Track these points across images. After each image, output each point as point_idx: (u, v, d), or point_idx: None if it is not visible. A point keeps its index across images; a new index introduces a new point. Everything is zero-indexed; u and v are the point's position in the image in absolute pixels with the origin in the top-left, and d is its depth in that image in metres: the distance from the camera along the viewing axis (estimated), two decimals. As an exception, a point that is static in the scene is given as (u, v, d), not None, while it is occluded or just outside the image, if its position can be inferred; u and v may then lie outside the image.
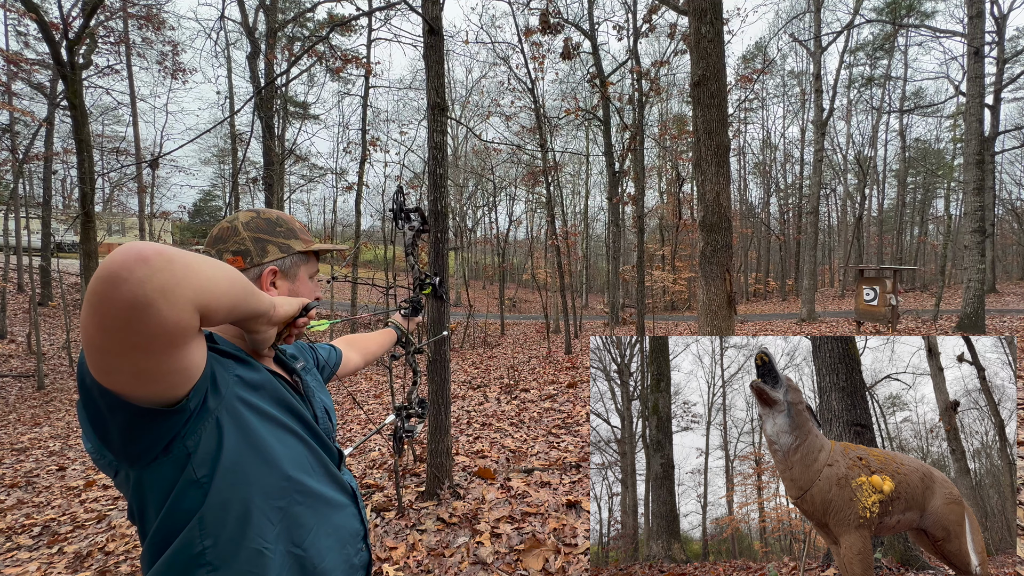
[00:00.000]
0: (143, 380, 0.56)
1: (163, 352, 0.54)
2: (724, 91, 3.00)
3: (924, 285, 25.13)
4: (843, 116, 26.11)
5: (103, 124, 21.51)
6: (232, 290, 0.60)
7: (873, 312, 9.19)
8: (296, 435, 0.78)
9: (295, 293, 0.90)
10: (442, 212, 3.30)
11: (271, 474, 0.72)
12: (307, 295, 0.92)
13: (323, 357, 1.18)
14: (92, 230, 11.29)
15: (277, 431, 0.75)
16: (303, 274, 0.92)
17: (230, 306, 0.60)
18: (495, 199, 23.86)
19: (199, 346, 0.60)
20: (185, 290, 0.52)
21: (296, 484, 0.75)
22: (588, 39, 12.96)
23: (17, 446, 6.12)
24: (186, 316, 0.53)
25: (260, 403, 0.74)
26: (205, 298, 0.55)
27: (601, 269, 35.47)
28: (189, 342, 0.56)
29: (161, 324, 0.51)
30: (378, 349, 1.44)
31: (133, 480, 0.65)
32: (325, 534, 0.79)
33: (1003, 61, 16.92)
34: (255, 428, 0.71)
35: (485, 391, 7.18)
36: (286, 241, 0.89)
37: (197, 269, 0.54)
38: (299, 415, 0.81)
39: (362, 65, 11.82)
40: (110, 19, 13.78)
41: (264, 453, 0.71)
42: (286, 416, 0.78)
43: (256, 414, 0.72)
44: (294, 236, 0.91)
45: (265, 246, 0.86)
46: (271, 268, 0.86)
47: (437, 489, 3.28)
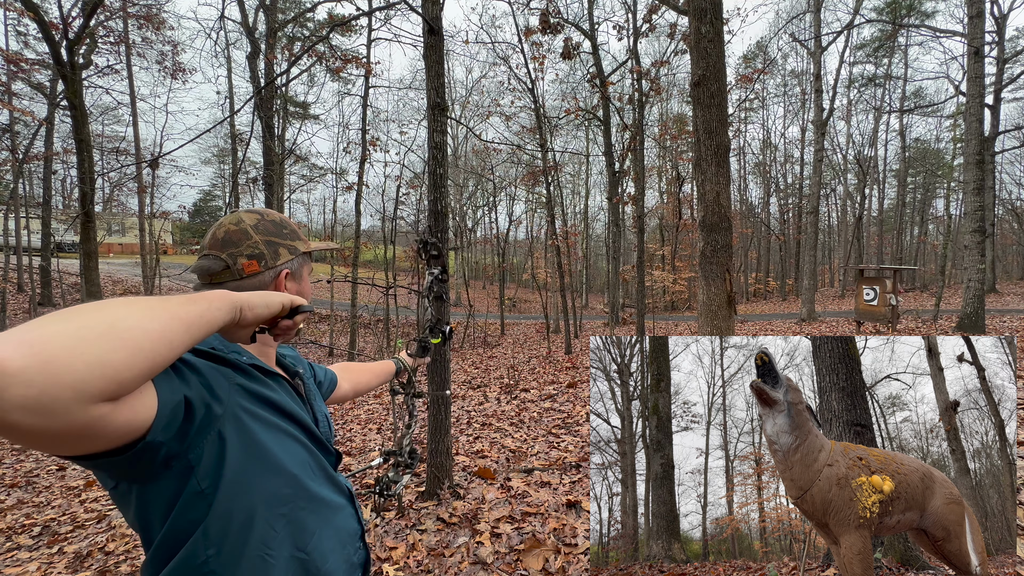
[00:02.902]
0: (79, 449, 0.48)
1: (76, 446, 0.46)
2: (724, 91, 3.00)
3: (924, 285, 25.12)
4: (843, 116, 26.11)
5: (103, 124, 21.52)
6: (158, 339, 0.47)
7: (873, 312, 9.19)
8: (297, 440, 0.78)
9: (301, 293, 0.91)
10: (442, 212, 3.30)
11: (275, 482, 0.72)
12: (307, 293, 0.93)
13: (319, 375, 1.16)
14: (92, 230, 11.28)
15: (280, 437, 0.75)
16: (305, 273, 0.94)
17: (159, 359, 0.48)
18: (495, 199, 23.86)
19: (137, 402, 0.50)
20: (63, 390, 0.39)
21: (299, 490, 0.75)
22: (588, 39, 12.95)
23: (17, 446, 6.12)
24: (76, 419, 0.42)
25: (262, 411, 0.73)
26: (102, 383, 0.42)
27: (601, 269, 35.47)
28: (107, 421, 0.46)
29: (42, 437, 0.41)
30: (372, 380, 1.38)
31: (136, 493, 0.63)
32: (327, 537, 0.79)
33: (1003, 61, 16.93)
34: (258, 437, 0.70)
35: (485, 391, 7.18)
36: (292, 243, 0.90)
37: (83, 350, 0.41)
38: (299, 420, 0.80)
39: (362, 65, 11.82)
40: (110, 19, 13.76)
41: (268, 462, 0.71)
42: (287, 422, 0.77)
43: (259, 422, 0.72)
44: (297, 237, 0.92)
45: (277, 249, 0.86)
46: (285, 271, 0.87)
47: (437, 489, 3.28)
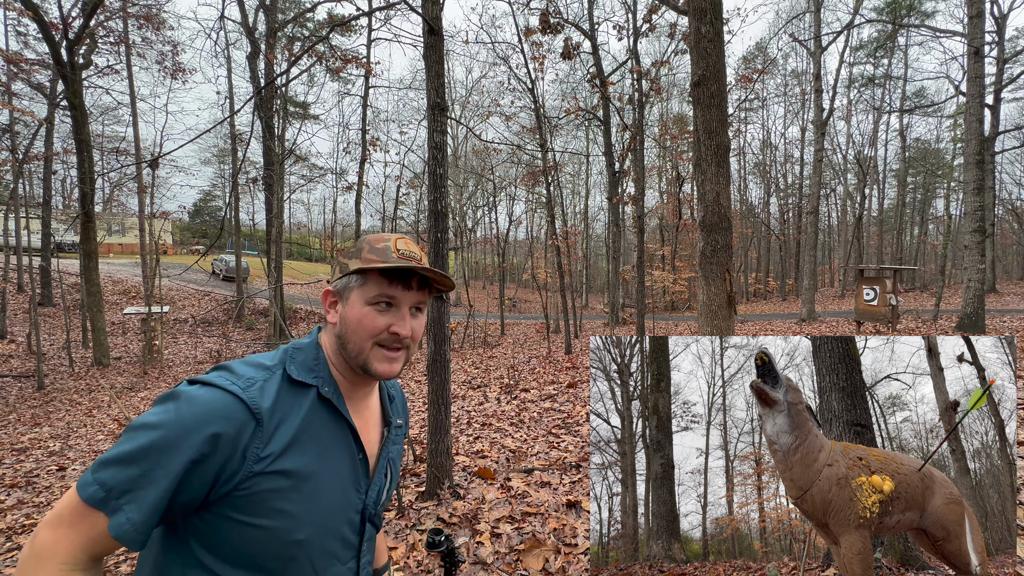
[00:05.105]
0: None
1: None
2: (724, 91, 3.00)
3: (924, 285, 25.13)
4: (843, 116, 26.12)
5: (103, 124, 21.52)
6: None
7: (873, 312, 9.19)
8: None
9: (346, 319, 0.77)
10: (442, 212, 3.30)
11: (278, 540, 0.71)
12: (354, 319, 0.77)
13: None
14: (92, 230, 11.30)
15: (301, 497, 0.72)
16: (355, 298, 0.77)
17: None
18: (495, 199, 23.88)
19: (108, 544, 0.63)
20: None
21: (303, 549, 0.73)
22: (588, 39, 12.96)
23: (17, 446, 6.12)
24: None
25: (285, 485, 0.70)
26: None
27: (601, 269, 35.48)
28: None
29: None
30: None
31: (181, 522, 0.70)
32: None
33: (1003, 61, 16.93)
34: (272, 509, 0.69)
35: (485, 391, 7.18)
36: (346, 261, 0.79)
37: None
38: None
39: (362, 65, 11.82)
40: (110, 19, 13.77)
41: (281, 521, 0.70)
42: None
43: (275, 495, 0.70)
44: (357, 255, 0.78)
45: (337, 266, 0.83)
46: (326, 290, 0.82)
47: (437, 489, 3.28)
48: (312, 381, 0.75)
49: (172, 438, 0.62)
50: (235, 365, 0.72)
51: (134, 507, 0.61)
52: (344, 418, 0.78)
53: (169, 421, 0.63)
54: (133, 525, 0.61)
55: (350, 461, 0.78)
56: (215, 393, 0.66)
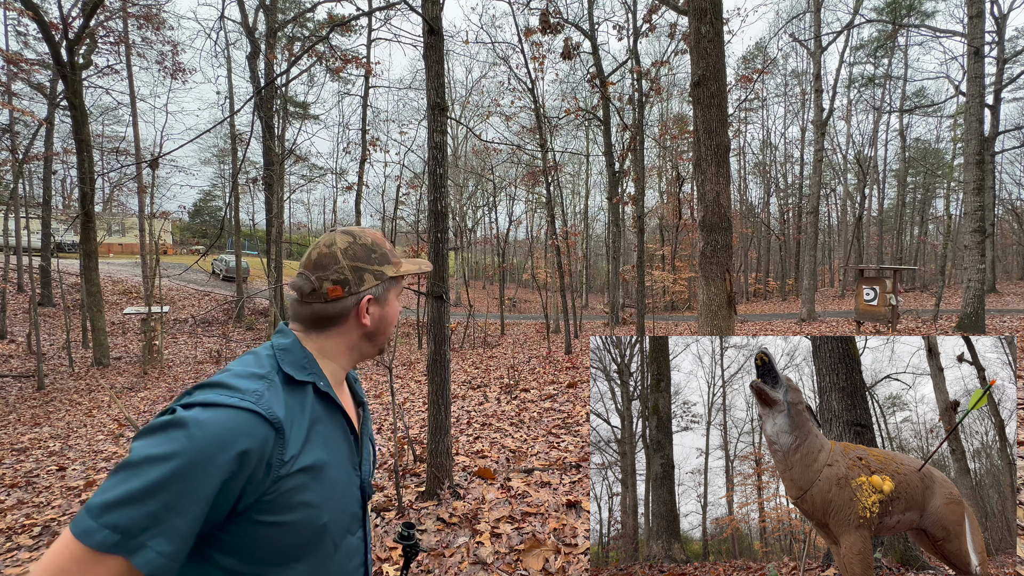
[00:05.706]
0: None
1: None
2: (724, 91, 3.00)
3: (924, 285, 25.13)
4: (843, 116, 26.12)
5: (103, 124, 21.50)
6: None
7: (873, 312, 9.19)
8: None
9: (385, 317, 0.90)
10: (442, 212, 3.30)
11: (299, 537, 0.74)
12: (393, 315, 0.92)
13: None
14: (92, 230, 11.30)
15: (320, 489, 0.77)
16: (391, 297, 0.91)
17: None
18: (495, 199, 23.88)
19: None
20: None
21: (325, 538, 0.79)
22: (588, 39, 12.96)
23: (17, 446, 6.12)
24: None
25: (306, 480, 0.75)
26: None
27: (601, 269, 35.49)
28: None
29: None
30: None
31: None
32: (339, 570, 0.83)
33: (1003, 61, 16.93)
34: (297, 504, 0.73)
35: (485, 391, 7.18)
36: (379, 268, 0.88)
37: None
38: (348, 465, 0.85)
39: (362, 65, 11.83)
40: (110, 19, 13.77)
41: (301, 525, 0.74)
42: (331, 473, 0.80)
43: (299, 493, 0.74)
44: (387, 261, 0.90)
45: (362, 275, 0.86)
46: (367, 297, 0.86)
47: (437, 489, 3.28)
48: (308, 378, 0.80)
49: (193, 465, 0.61)
50: (228, 380, 0.71)
51: (162, 540, 0.60)
52: (339, 407, 0.84)
53: (183, 449, 0.62)
54: (165, 557, 0.60)
55: (347, 444, 0.85)
56: (228, 412, 0.66)
